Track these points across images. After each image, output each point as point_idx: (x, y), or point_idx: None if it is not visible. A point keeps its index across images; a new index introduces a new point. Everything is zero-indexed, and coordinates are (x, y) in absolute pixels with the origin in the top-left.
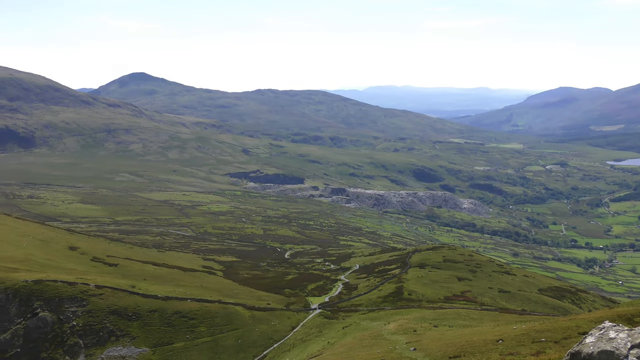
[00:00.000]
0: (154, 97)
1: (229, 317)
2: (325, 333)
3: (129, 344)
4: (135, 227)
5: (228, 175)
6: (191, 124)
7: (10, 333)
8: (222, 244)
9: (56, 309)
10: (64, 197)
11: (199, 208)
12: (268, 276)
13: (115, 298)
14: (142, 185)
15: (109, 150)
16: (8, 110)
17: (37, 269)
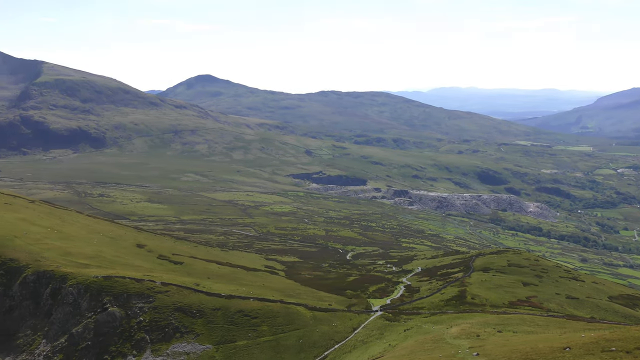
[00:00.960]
0: (219, 98)
1: (290, 317)
2: (387, 335)
3: (193, 340)
4: (200, 226)
5: (291, 176)
6: (255, 125)
7: (82, 326)
8: (284, 244)
9: (124, 304)
10: (132, 196)
11: (262, 208)
12: (330, 277)
13: (180, 295)
14: (207, 185)
15: (175, 150)
16: (81, 111)
17: (107, 265)
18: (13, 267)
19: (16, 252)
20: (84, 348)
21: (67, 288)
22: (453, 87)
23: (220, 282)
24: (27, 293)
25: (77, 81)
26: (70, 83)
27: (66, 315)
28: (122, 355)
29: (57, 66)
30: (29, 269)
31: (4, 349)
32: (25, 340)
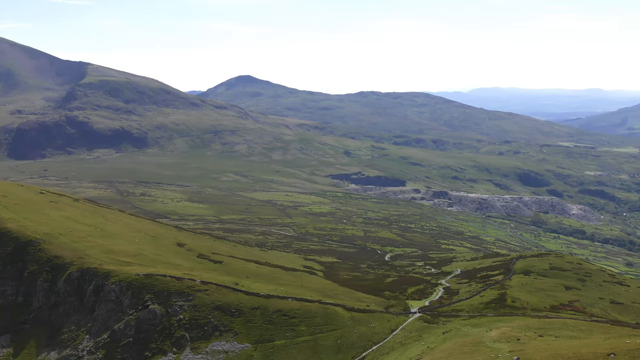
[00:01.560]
0: (258, 99)
1: (328, 317)
2: (425, 337)
3: (231, 339)
4: (239, 225)
5: (330, 177)
6: (294, 126)
7: (123, 323)
8: (322, 244)
9: (165, 302)
10: (172, 195)
11: (301, 209)
12: (368, 278)
13: (220, 294)
14: (246, 185)
15: (215, 150)
16: (124, 112)
17: (148, 263)
18: (58, 264)
19: (61, 250)
20: (125, 344)
21: (110, 285)
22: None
23: (259, 281)
24: (71, 289)
25: (120, 82)
26: (113, 84)
27: (108, 311)
28: (163, 353)
29: (101, 67)
30: (73, 266)
31: (49, 343)
32: (70, 336)
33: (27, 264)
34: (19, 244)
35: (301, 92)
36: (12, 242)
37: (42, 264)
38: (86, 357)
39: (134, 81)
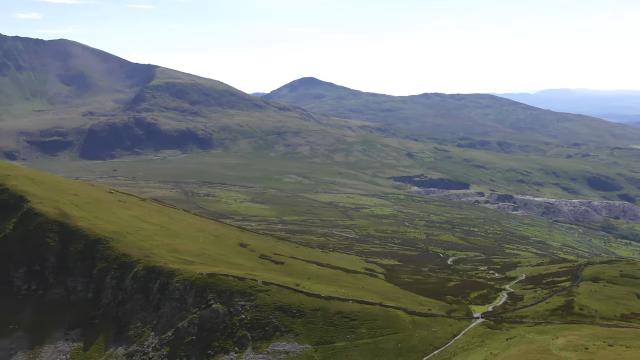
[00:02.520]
0: (321, 101)
1: (389, 320)
2: (488, 343)
3: (292, 340)
4: (301, 227)
5: (392, 179)
6: (357, 128)
7: (187, 321)
8: (384, 247)
9: (227, 301)
10: (236, 196)
11: (363, 211)
12: (430, 281)
13: (281, 295)
14: (309, 186)
15: (278, 152)
16: (190, 113)
17: (211, 263)
18: (126, 261)
19: (129, 248)
20: (189, 342)
21: (174, 284)
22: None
23: (320, 283)
24: (137, 287)
25: (186, 84)
26: (180, 86)
27: (173, 309)
28: (225, 351)
29: (168, 70)
30: (139, 264)
31: (117, 339)
32: (136, 332)
33: (96, 262)
34: (89, 242)
35: (364, 93)
36: (83, 240)
37: (110, 261)
38: (151, 353)
39: (200, 83)
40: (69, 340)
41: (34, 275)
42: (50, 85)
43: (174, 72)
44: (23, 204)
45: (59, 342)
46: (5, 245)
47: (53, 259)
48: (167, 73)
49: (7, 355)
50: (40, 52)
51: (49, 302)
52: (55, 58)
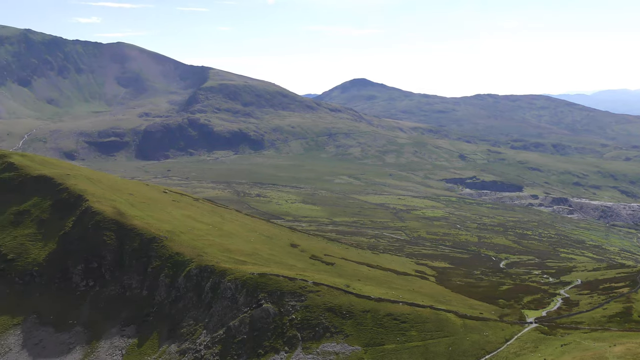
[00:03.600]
0: (373, 102)
1: (440, 323)
2: (542, 349)
3: (342, 341)
4: (352, 228)
5: (443, 181)
6: (408, 129)
7: (238, 320)
8: (435, 249)
9: (278, 301)
10: (287, 196)
11: (414, 212)
12: (481, 285)
13: (331, 296)
14: (359, 188)
15: (329, 153)
16: (242, 114)
17: (262, 262)
18: (179, 260)
19: (182, 247)
20: (240, 341)
21: (226, 283)
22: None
23: (370, 284)
24: (190, 286)
25: (239, 86)
26: (232, 88)
27: (224, 308)
28: (275, 351)
29: (222, 72)
30: (192, 263)
31: (170, 336)
32: (188, 330)
33: (151, 260)
34: (144, 240)
35: (416, 95)
36: (138, 238)
37: (164, 260)
38: (203, 351)
39: (252, 85)
40: (124, 336)
41: (92, 272)
42: (108, 88)
43: (227, 73)
44: (82, 202)
45: (114, 338)
46: (65, 243)
47: (110, 256)
48: (221, 75)
49: (66, 349)
50: (99, 55)
51: (105, 298)
52: (113, 61)
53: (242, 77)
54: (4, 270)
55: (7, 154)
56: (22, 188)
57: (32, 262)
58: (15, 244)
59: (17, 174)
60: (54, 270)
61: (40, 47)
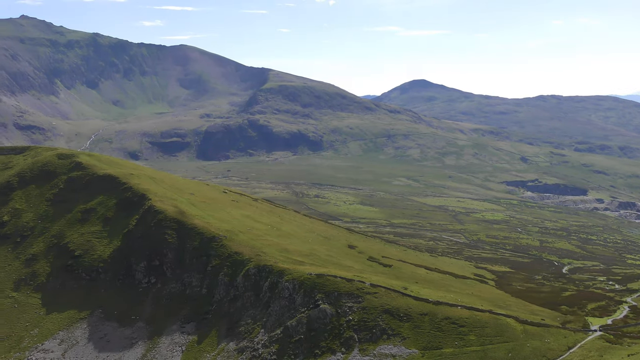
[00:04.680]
0: (432, 103)
1: (499, 328)
2: (607, 358)
3: (399, 343)
4: (410, 230)
5: (504, 184)
6: (468, 131)
7: (295, 320)
8: (495, 253)
9: (335, 302)
10: (345, 197)
11: (473, 215)
12: (543, 290)
13: (388, 298)
14: (418, 189)
15: (387, 154)
16: (301, 116)
17: (320, 263)
18: (238, 260)
19: (241, 247)
20: (297, 341)
21: (284, 283)
22: None
23: (428, 287)
24: (248, 285)
25: (298, 87)
26: (292, 89)
27: (282, 308)
28: (332, 352)
29: (281, 73)
30: (251, 262)
31: (228, 334)
32: (246, 329)
33: (210, 259)
34: (204, 239)
35: (476, 96)
36: (198, 237)
37: (223, 259)
38: (261, 350)
39: (311, 86)
40: (184, 333)
41: (154, 270)
42: (171, 89)
43: (287, 75)
44: (145, 201)
45: (175, 335)
46: (129, 240)
47: (171, 254)
48: (280, 76)
49: (129, 344)
50: (163, 57)
51: (166, 295)
52: (175, 63)
53: (302, 79)
54: (71, 266)
55: (76, 154)
56: (89, 187)
57: (98, 258)
58: (82, 241)
59: (84, 173)
60: (118, 266)
61: (107, 51)
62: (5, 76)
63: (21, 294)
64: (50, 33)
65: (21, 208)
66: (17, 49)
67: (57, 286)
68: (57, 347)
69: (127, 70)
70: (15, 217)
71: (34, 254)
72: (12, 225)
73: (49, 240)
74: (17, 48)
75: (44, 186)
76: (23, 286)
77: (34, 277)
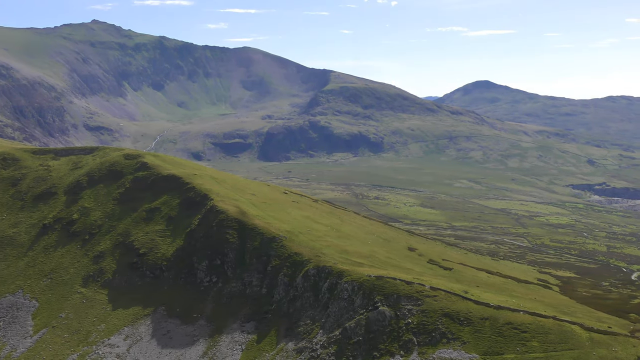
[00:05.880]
0: (496, 104)
1: (563, 335)
2: None
3: (459, 348)
4: (471, 233)
5: (570, 187)
6: (533, 133)
7: (354, 322)
8: (559, 257)
9: (394, 305)
10: (405, 199)
11: (537, 219)
12: (610, 297)
13: (448, 301)
14: (480, 192)
15: (449, 156)
16: (362, 117)
17: (379, 265)
18: (297, 260)
19: (300, 247)
20: (355, 342)
21: (343, 284)
22: None
23: (489, 291)
24: (308, 285)
25: (359, 88)
26: (353, 90)
27: (341, 309)
28: (390, 354)
29: (342, 74)
30: (310, 263)
31: (287, 334)
32: (305, 329)
33: (270, 259)
34: (264, 240)
35: (541, 97)
36: (259, 238)
37: (283, 259)
38: (319, 350)
39: (372, 87)
40: (244, 331)
41: (215, 269)
42: (234, 91)
43: (348, 76)
44: (207, 201)
45: (235, 333)
46: (191, 240)
47: (232, 254)
48: (341, 78)
49: (190, 341)
50: (226, 59)
51: (227, 294)
52: (238, 65)
53: (363, 80)
54: (136, 264)
55: (141, 154)
56: (154, 187)
57: (161, 256)
58: (147, 240)
59: (149, 173)
60: (180, 265)
61: (172, 53)
62: (77, 79)
63: (89, 289)
64: (119, 37)
65: (90, 207)
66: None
67: (122, 283)
68: (122, 342)
69: (191, 72)
70: (84, 216)
71: (101, 252)
72: (81, 223)
73: (115, 238)
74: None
75: (111, 185)
76: (91, 282)
77: (101, 273)
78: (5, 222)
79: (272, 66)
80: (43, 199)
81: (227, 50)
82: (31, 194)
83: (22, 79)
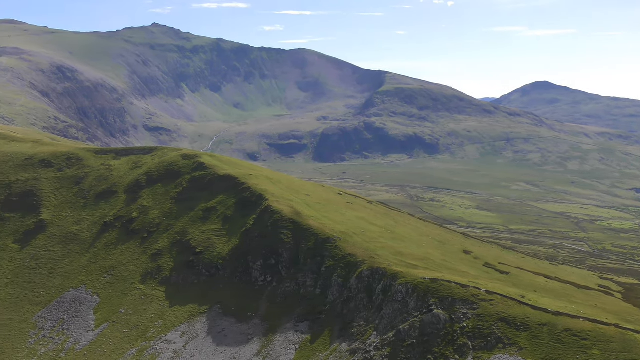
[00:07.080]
0: (555, 106)
1: (626, 344)
2: None
3: (516, 353)
4: (529, 237)
5: (633, 190)
6: (594, 134)
7: (408, 324)
8: (622, 263)
9: (449, 308)
10: (461, 202)
11: (598, 223)
12: None
13: (505, 306)
14: (538, 195)
15: (506, 158)
16: (417, 118)
17: (434, 268)
18: (351, 261)
19: (354, 248)
20: (409, 345)
21: (397, 286)
22: None
23: (547, 296)
24: (361, 287)
25: (415, 90)
26: (408, 92)
27: (395, 312)
28: (444, 358)
29: (398, 76)
30: (364, 264)
31: (341, 335)
32: (358, 330)
33: (324, 260)
34: (318, 240)
35: (603, 98)
36: (313, 238)
37: (337, 260)
38: (373, 352)
39: (428, 88)
40: (298, 331)
41: (269, 269)
42: (289, 92)
43: (403, 77)
44: (262, 201)
45: (289, 333)
46: (246, 239)
47: (286, 254)
48: (397, 79)
49: (245, 339)
50: (282, 60)
51: (281, 294)
52: (294, 66)
53: (418, 81)
54: (192, 262)
55: (199, 155)
56: (210, 186)
57: (217, 255)
58: (203, 238)
59: (206, 173)
60: (236, 264)
61: (229, 55)
62: (137, 81)
63: (147, 286)
64: (178, 39)
65: (148, 205)
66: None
67: (179, 281)
68: (179, 339)
69: (247, 74)
70: (143, 214)
71: (159, 250)
72: (140, 221)
73: (172, 236)
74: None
75: (169, 185)
76: (149, 279)
77: (159, 271)
78: (69, 219)
79: (327, 67)
80: (104, 197)
81: (283, 52)
82: (93, 193)
83: (85, 81)
